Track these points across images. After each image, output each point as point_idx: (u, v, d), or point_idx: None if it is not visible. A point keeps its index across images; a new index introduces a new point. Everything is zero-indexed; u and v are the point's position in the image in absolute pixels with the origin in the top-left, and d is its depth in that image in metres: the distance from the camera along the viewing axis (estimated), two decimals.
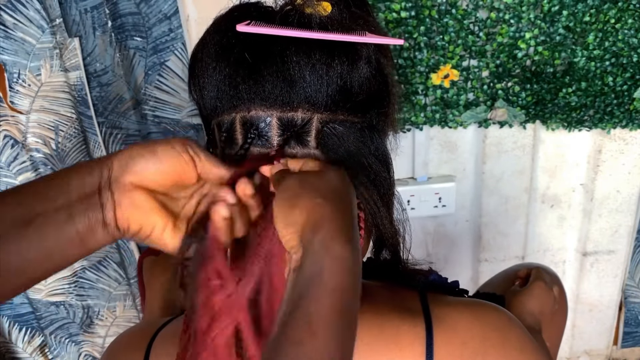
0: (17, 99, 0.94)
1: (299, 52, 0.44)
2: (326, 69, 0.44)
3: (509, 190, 1.16)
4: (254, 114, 0.45)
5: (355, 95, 0.46)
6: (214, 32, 0.48)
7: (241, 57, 0.45)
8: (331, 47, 0.44)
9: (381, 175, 0.48)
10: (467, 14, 0.96)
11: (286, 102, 0.45)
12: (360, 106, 0.47)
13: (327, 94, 0.45)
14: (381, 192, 0.48)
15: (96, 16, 0.95)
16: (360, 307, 0.46)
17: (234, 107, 0.46)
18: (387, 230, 0.50)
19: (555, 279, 0.76)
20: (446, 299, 0.50)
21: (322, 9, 0.46)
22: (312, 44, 0.44)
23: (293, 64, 0.44)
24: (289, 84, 0.44)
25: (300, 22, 0.45)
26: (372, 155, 0.47)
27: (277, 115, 0.45)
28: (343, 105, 0.45)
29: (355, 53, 0.45)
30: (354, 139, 0.46)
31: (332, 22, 0.45)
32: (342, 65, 0.44)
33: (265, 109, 0.45)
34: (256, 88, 0.45)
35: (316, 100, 0.45)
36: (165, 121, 1.05)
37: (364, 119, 0.47)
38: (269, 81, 0.44)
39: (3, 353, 1.15)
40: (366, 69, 0.46)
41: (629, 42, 0.98)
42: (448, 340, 0.45)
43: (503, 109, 1.04)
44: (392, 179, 0.50)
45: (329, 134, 0.45)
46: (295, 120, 0.45)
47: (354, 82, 0.45)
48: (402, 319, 0.46)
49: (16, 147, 0.96)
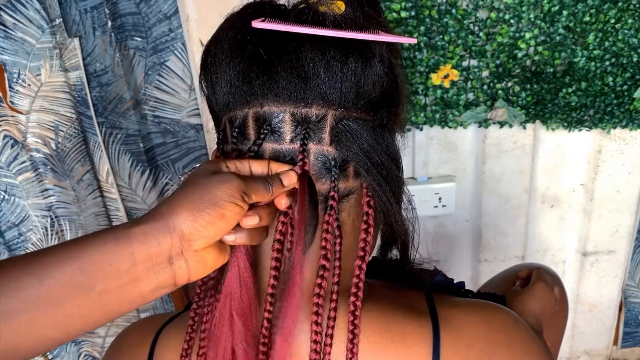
0: (17, 99, 0.94)
1: (314, 49, 0.44)
2: (340, 67, 0.44)
3: (509, 190, 1.16)
4: (267, 109, 0.45)
5: (369, 93, 0.46)
6: (228, 28, 0.48)
7: (255, 53, 0.45)
8: (345, 45, 0.45)
9: (393, 172, 0.48)
10: (467, 14, 0.96)
11: (300, 98, 0.45)
12: (373, 104, 0.47)
13: (341, 91, 0.45)
14: (393, 189, 0.48)
15: (96, 16, 0.95)
16: (367, 306, 0.46)
17: (247, 103, 0.46)
18: (399, 227, 0.50)
19: (556, 280, 0.76)
20: (452, 300, 0.50)
21: (336, 8, 0.46)
22: (326, 42, 0.44)
23: (308, 61, 0.44)
24: (303, 80, 0.44)
25: (315, 20, 0.45)
26: (384, 152, 0.47)
27: (290, 111, 0.45)
28: (357, 102, 0.46)
29: (369, 51, 0.45)
30: (367, 136, 0.46)
31: (346, 21, 0.45)
32: (356, 63, 0.45)
33: (278, 104, 0.45)
34: (270, 84, 0.45)
35: (330, 97, 0.45)
36: (165, 121, 1.05)
37: (375, 117, 0.47)
38: (283, 77, 0.44)
39: None
40: (379, 68, 0.46)
41: (629, 42, 0.98)
42: (454, 341, 0.45)
43: (503, 109, 1.04)
44: (402, 177, 0.50)
45: (343, 130, 0.45)
46: (310, 117, 0.45)
47: (368, 80, 0.45)
48: (409, 319, 0.46)
49: (16, 147, 0.96)
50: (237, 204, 0.40)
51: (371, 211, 0.48)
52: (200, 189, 0.40)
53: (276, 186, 0.44)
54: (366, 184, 0.48)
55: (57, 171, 0.99)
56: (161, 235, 0.39)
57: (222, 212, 0.40)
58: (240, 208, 0.41)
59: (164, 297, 1.17)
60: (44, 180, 0.98)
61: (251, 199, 0.42)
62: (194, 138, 1.07)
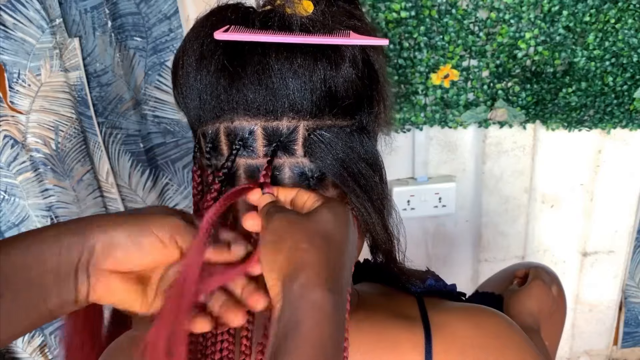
0: (17, 99, 0.94)
1: (280, 58, 0.42)
2: (309, 75, 0.43)
3: (509, 190, 1.16)
4: (237, 124, 0.44)
5: (342, 99, 0.44)
6: (193, 39, 0.46)
7: (221, 66, 0.43)
8: (313, 51, 0.43)
9: (372, 180, 0.46)
10: (467, 14, 0.96)
11: (270, 111, 0.43)
12: (348, 109, 0.45)
13: (312, 101, 0.43)
14: (373, 198, 0.46)
15: (96, 16, 0.95)
16: (357, 315, 0.45)
17: (217, 117, 0.45)
18: (380, 236, 0.48)
19: (554, 278, 0.76)
20: (444, 305, 0.49)
21: (302, 9, 0.44)
22: (293, 48, 0.43)
23: (275, 72, 0.42)
24: (271, 93, 0.43)
25: (281, 25, 0.43)
26: (362, 160, 0.45)
27: (261, 125, 0.43)
28: (329, 110, 0.44)
29: (339, 55, 0.43)
30: (342, 145, 0.44)
31: (313, 24, 0.44)
32: (325, 69, 0.43)
33: (249, 118, 0.44)
34: (238, 98, 0.43)
35: (301, 108, 0.43)
36: (165, 121, 1.05)
37: (352, 122, 0.46)
38: (251, 90, 0.43)
39: (3, 353, 1.15)
40: (351, 71, 0.44)
41: (629, 42, 0.98)
42: (447, 348, 0.44)
43: (503, 109, 1.04)
44: (384, 182, 0.48)
45: (316, 141, 0.44)
46: (281, 130, 0.44)
47: (339, 85, 0.44)
48: (401, 327, 0.46)
49: (16, 147, 0.96)
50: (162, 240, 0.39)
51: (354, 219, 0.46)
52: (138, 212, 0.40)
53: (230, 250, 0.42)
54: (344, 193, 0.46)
55: (57, 171, 0.99)
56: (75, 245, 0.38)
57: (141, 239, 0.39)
58: (164, 248, 0.40)
59: None
60: (44, 180, 0.98)
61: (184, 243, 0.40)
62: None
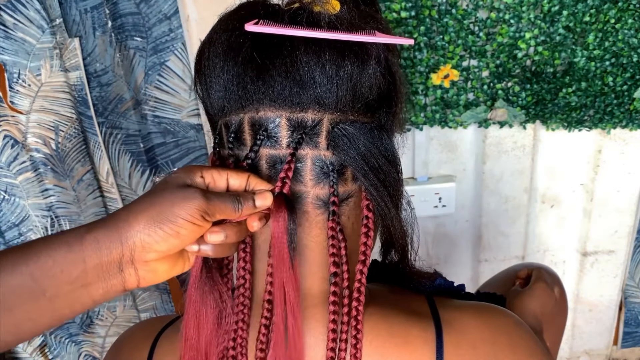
0: (17, 99, 0.94)
1: (309, 52, 0.43)
2: (336, 70, 0.43)
3: (509, 190, 1.16)
4: (262, 114, 0.45)
5: (366, 96, 0.45)
6: (221, 30, 0.47)
7: (250, 57, 0.44)
8: (341, 47, 0.44)
9: (391, 175, 0.47)
10: (467, 14, 0.96)
11: (296, 102, 0.44)
12: (370, 106, 0.46)
13: (338, 95, 0.44)
14: (391, 193, 0.47)
15: (96, 16, 0.95)
16: (368, 310, 0.46)
17: (242, 108, 0.45)
18: (397, 231, 0.50)
19: (556, 280, 0.76)
20: (454, 303, 0.50)
21: (331, 7, 0.45)
22: (322, 44, 0.43)
23: (303, 65, 0.43)
24: (298, 85, 0.43)
25: (309, 21, 0.44)
26: (382, 155, 0.47)
27: (286, 116, 0.44)
28: (353, 105, 0.45)
29: (366, 52, 0.45)
30: (364, 140, 0.46)
31: (341, 21, 0.45)
32: (352, 66, 0.44)
33: (274, 109, 0.44)
34: (265, 89, 0.44)
35: (326, 101, 0.44)
36: (165, 121, 1.05)
37: (373, 119, 0.47)
38: (278, 82, 0.43)
39: (3, 353, 1.15)
40: (376, 69, 0.45)
41: (629, 42, 0.98)
42: (458, 344, 0.45)
43: (503, 109, 1.04)
44: (401, 179, 0.50)
45: (339, 134, 0.45)
46: (305, 121, 0.45)
47: (365, 82, 0.45)
48: (411, 323, 0.46)
49: (16, 147, 0.96)
50: (195, 223, 0.40)
51: (371, 214, 0.47)
52: (161, 203, 0.40)
53: (247, 206, 0.43)
54: (364, 187, 0.47)
55: (57, 171, 0.99)
56: (113, 244, 0.39)
57: (178, 230, 0.40)
58: (199, 227, 0.41)
59: (164, 298, 1.17)
60: (44, 180, 0.98)
61: (215, 217, 0.41)
62: (194, 138, 1.07)
